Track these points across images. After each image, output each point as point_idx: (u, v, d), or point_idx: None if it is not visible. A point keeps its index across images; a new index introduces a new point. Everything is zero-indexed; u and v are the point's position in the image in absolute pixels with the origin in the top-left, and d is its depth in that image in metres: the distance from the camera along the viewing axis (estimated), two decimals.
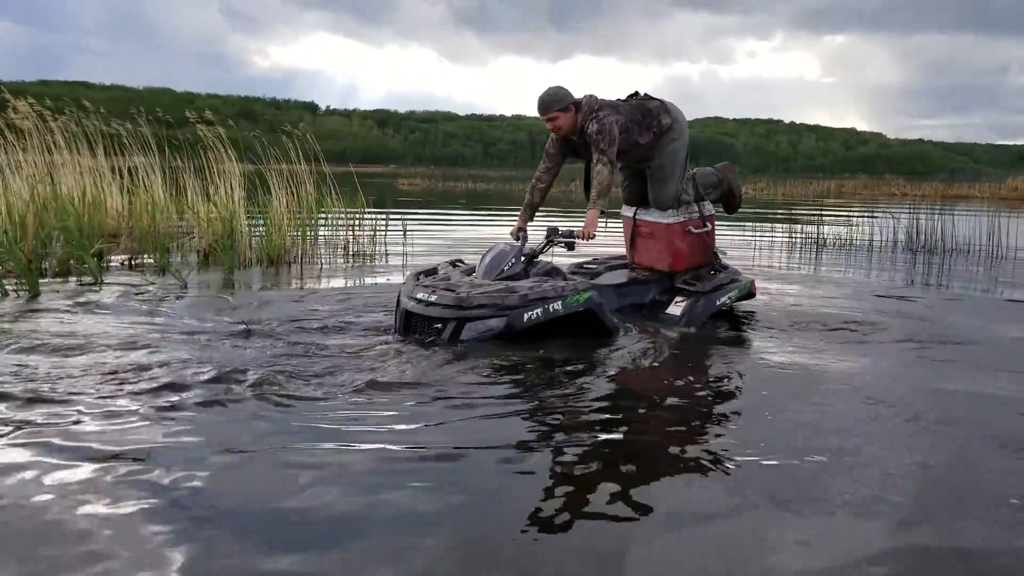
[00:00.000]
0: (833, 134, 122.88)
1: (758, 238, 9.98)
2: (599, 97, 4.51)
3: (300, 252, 7.11)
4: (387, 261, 7.32)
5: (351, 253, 7.56)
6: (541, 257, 4.45)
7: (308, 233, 7.45)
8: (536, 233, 4.60)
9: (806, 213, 12.79)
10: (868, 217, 13.51)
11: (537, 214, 4.80)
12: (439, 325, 3.89)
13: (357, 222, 8.04)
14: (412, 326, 4.01)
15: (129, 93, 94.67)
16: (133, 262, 6.35)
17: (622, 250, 5.17)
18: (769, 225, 11.80)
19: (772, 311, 5.07)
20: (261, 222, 7.13)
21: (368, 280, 6.17)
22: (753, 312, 5.03)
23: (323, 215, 8.18)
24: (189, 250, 6.92)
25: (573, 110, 4.45)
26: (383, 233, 8.41)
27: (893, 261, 8.27)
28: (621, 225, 5.07)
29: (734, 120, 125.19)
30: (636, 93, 4.78)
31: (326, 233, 8.11)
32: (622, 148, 4.46)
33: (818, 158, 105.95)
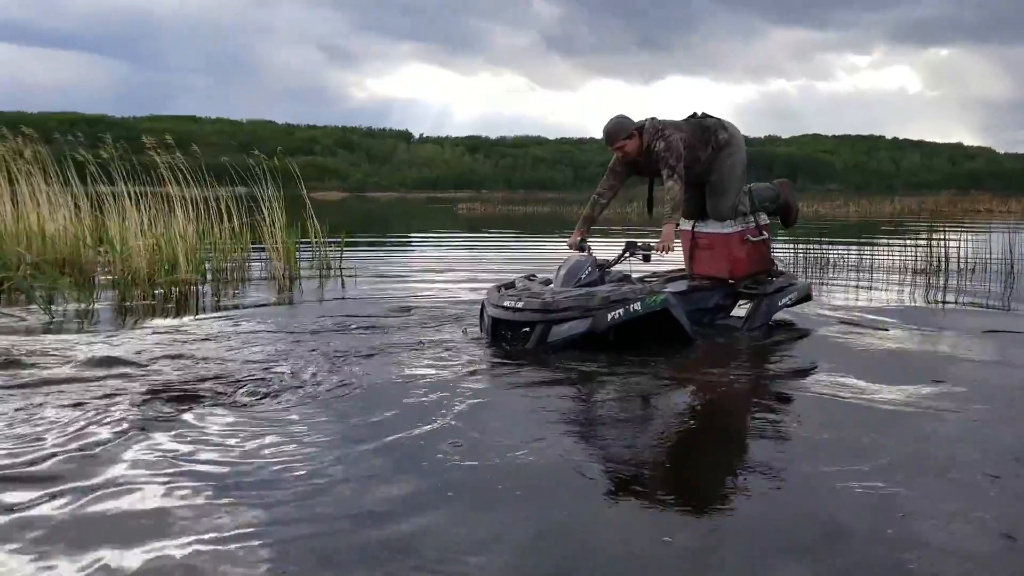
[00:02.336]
0: (938, 149, 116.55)
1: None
2: (660, 118, 4.75)
3: (205, 282, 6.89)
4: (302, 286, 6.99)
5: (280, 284, 7.19)
6: (613, 268, 4.71)
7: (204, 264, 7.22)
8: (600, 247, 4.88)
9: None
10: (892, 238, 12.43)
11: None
12: (527, 329, 4.17)
13: (296, 252, 7.75)
14: (499, 332, 4.33)
15: (234, 126, 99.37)
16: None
17: (680, 265, 5.30)
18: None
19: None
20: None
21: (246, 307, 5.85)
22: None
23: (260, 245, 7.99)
24: (104, 282, 6.73)
25: (637, 135, 4.70)
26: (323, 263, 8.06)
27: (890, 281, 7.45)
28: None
29: (833, 137, 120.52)
30: (695, 114, 4.96)
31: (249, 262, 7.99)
32: (687, 164, 4.63)
33: (922, 175, 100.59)
